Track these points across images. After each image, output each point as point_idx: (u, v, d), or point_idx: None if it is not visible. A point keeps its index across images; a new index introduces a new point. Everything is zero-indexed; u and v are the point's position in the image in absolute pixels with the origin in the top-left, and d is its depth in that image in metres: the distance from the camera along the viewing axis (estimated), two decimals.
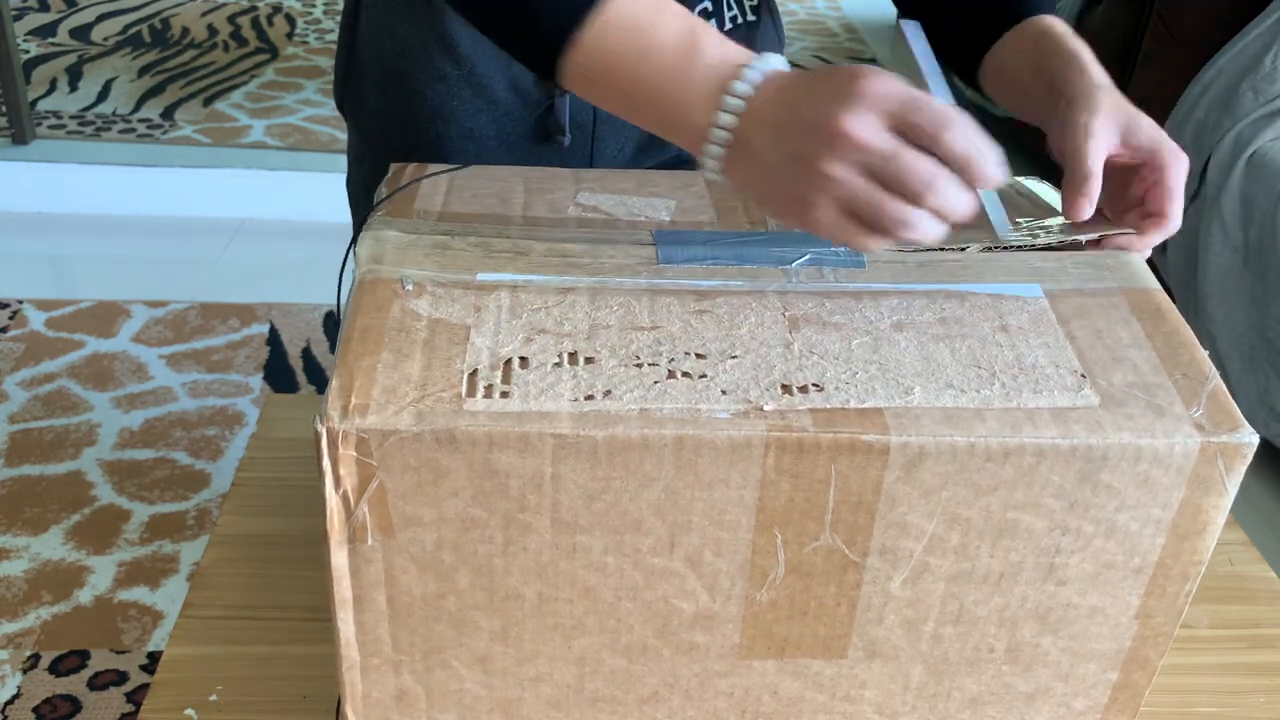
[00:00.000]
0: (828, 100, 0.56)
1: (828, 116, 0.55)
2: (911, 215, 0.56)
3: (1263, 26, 2.10)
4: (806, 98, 0.57)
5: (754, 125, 0.59)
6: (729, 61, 0.60)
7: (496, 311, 0.60)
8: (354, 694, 0.62)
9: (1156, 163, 0.70)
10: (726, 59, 0.60)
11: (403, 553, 0.56)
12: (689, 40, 0.61)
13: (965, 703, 0.64)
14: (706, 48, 0.60)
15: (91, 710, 1.47)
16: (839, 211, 0.57)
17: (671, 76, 0.60)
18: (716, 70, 0.60)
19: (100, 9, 3.80)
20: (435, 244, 0.66)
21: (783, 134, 0.57)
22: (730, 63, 0.60)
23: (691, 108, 0.60)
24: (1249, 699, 0.77)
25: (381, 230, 0.67)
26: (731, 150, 0.60)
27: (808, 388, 0.57)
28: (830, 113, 0.55)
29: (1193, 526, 0.58)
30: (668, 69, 0.60)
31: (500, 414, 0.54)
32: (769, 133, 0.58)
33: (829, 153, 0.55)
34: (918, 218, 0.56)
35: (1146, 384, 0.59)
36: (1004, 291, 0.65)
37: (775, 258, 0.66)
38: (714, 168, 0.61)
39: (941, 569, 0.58)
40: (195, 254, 2.56)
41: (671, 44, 0.61)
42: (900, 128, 0.55)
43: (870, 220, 0.56)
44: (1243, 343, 2.00)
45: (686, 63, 0.60)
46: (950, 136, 0.55)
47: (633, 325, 0.60)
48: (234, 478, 0.91)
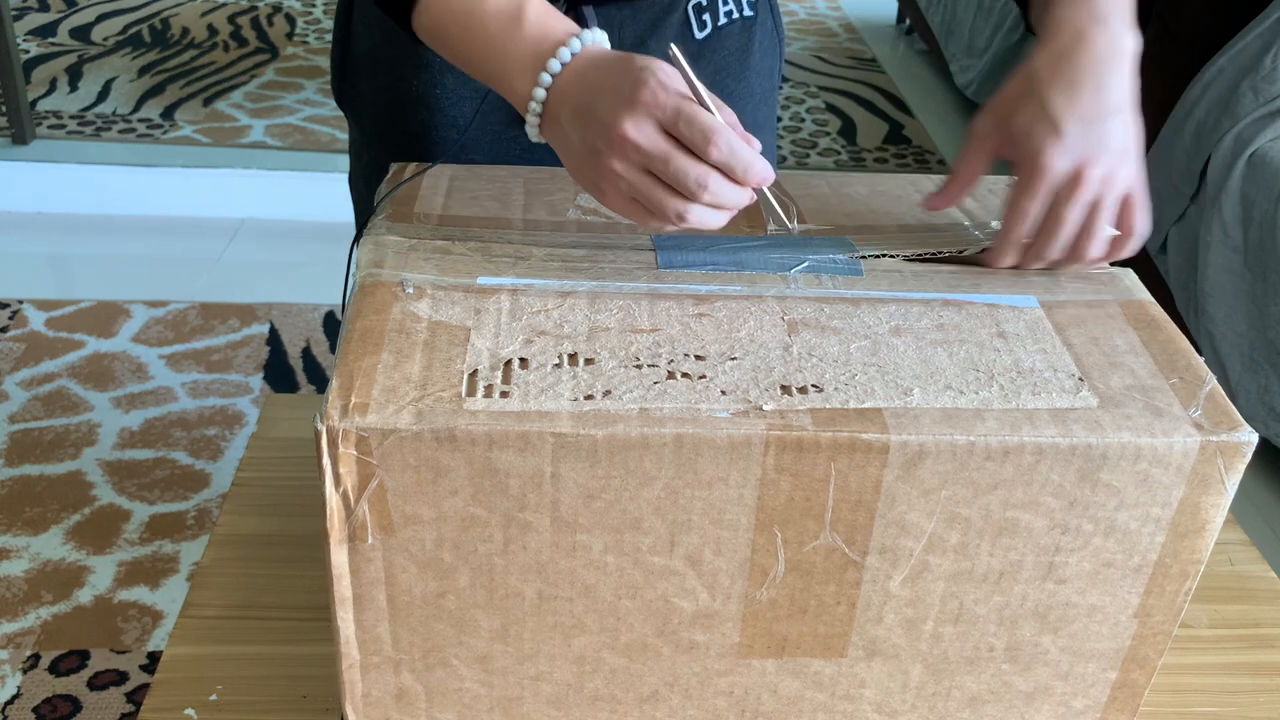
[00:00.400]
0: (614, 102, 0.60)
1: (612, 119, 0.60)
2: (688, 208, 0.61)
3: (1263, 26, 2.10)
4: (598, 94, 0.61)
5: (560, 103, 0.63)
6: (547, 37, 0.64)
7: (496, 314, 0.61)
8: (354, 693, 0.62)
9: (1022, 174, 0.66)
10: (546, 34, 0.64)
11: (402, 551, 0.56)
12: (513, 13, 0.65)
13: (965, 702, 0.64)
14: (528, 20, 0.65)
15: (91, 710, 1.47)
16: (627, 199, 0.62)
17: (496, 45, 0.65)
18: (535, 44, 0.64)
19: (100, 9, 3.80)
20: (435, 248, 0.66)
21: (579, 121, 0.62)
22: (549, 38, 0.64)
23: (513, 76, 0.65)
24: (1248, 699, 0.77)
25: (382, 235, 0.67)
26: (545, 120, 0.65)
27: (807, 388, 0.57)
28: (614, 116, 0.60)
29: (1192, 525, 0.58)
30: (493, 38, 0.65)
31: (500, 413, 0.54)
32: (570, 115, 0.63)
33: (613, 152, 0.60)
34: (695, 210, 0.61)
35: (1144, 387, 0.59)
36: (1000, 302, 0.65)
37: (774, 264, 0.67)
38: (534, 133, 0.66)
39: (941, 568, 0.59)
40: (195, 254, 2.56)
41: (497, 16, 0.65)
42: (674, 134, 0.60)
43: (654, 210, 0.61)
44: (1243, 343, 2.00)
45: (508, 34, 0.65)
46: (712, 149, 0.59)
47: (632, 328, 0.60)
48: (234, 478, 0.91)
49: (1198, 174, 2.14)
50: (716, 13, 0.90)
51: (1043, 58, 0.65)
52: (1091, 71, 0.64)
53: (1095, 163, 0.63)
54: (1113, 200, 0.64)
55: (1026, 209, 0.64)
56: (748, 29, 0.93)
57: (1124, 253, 0.67)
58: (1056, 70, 0.64)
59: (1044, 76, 0.64)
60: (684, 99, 0.60)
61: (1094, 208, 0.64)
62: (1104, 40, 0.64)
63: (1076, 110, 0.63)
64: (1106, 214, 0.64)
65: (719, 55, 0.92)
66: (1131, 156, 0.65)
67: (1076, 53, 0.64)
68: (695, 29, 0.89)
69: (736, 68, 0.93)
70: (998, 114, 0.67)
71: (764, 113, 0.98)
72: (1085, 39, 0.64)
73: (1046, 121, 0.63)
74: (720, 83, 0.93)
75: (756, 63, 0.95)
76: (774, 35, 0.98)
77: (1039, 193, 0.64)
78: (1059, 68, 0.64)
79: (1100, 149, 0.63)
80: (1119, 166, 0.64)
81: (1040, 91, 0.64)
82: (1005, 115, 0.66)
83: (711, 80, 0.92)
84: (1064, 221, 0.64)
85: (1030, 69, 0.65)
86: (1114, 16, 0.65)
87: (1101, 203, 0.64)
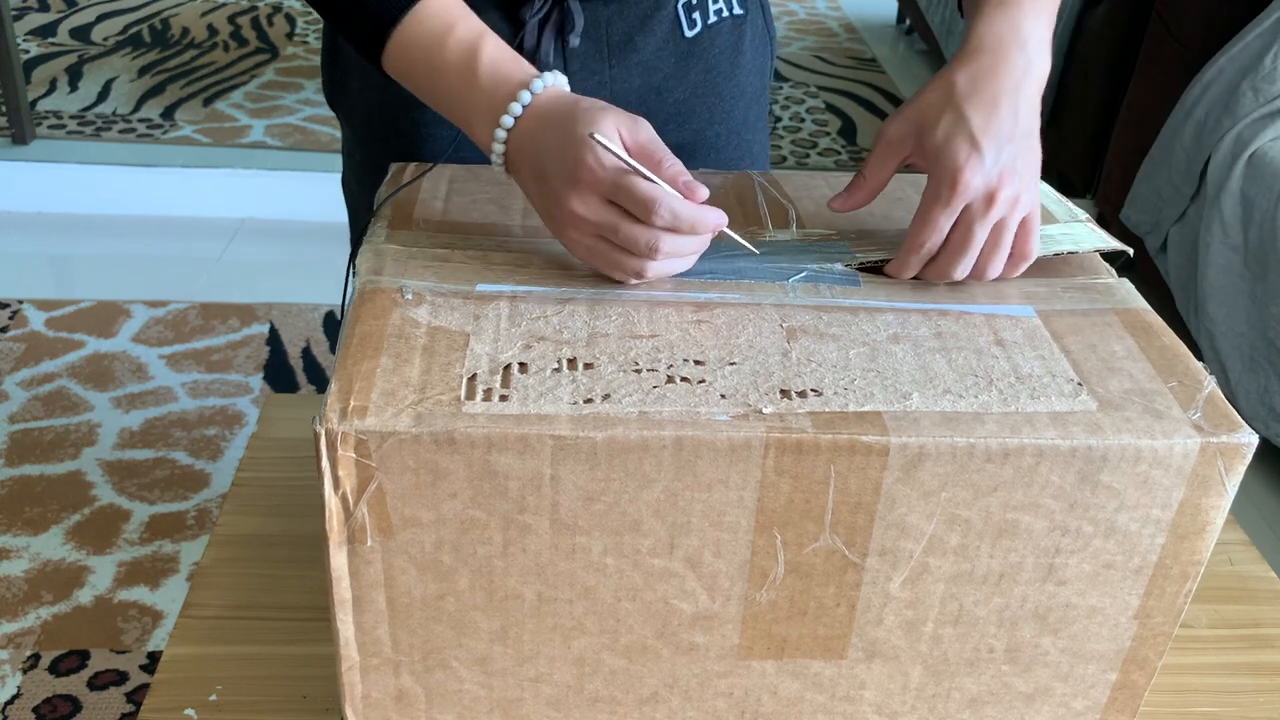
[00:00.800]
0: (560, 177, 0.63)
1: (560, 194, 0.63)
2: (646, 266, 0.63)
3: (1263, 26, 2.10)
4: (547, 162, 0.64)
5: (519, 156, 0.66)
6: (500, 88, 0.66)
7: (496, 320, 0.61)
8: (353, 694, 0.62)
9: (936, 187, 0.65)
10: (499, 85, 0.66)
11: (402, 554, 0.56)
12: (468, 64, 0.67)
13: (965, 703, 0.64)
14: (482, 70, 0.67)
15: (91, 710, 1.47)
16: (590, 255, 0.64)
17: (456, 94, 0.68)
18: (490, 95, 0.66)
19: (100, 9, 3.80)
20: (435, 256, 0.66)
21: (536, 182, 0.65)
22: (502, 89, 0.66)
23: (474, 125, 0.68)
24: (1248, 699, 0.77)
25: (382, 243, 0.67)
26: (508, 166, 0.67)
27: (806, 393, 0.57)
28: (562, 191, 0.62)
29: (1192, 526, 0.58)
30: (452, 86, 0.68)
31: (499, 416, 0.54)
32: (528, 173, 0.65)
33: (567, 223, 0.63)
34: (653, 267, 0.63)
35: (1143, 390, 0.59)
36: (997, 311, 0.65)
37: (772, 273, 0.67)
38: (500, 174, 0.68)
39: (941, 569, 0.59)
40: (195, 254, 2.56)
41: (454, 66, 0.68)
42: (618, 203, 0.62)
43: (617, 268, 0.64)
44: (1243, 343, 2.00)
45: (466, 84, 0.67)
46: (655, 218, 0.61)
47: (631, 334, 0.60)
48: (234, 478, 0.91)
49: (1198, 174, 2.14)
50: (706, 11, 0.90)
51: (964, 72, 0.65)
52: (1009, 93, 0.64)
53: (1007, 184, 0.64)
54: (1016, 222, 0.65)
55: (939, 223, 0.65)
56: (738, 27, 0.93)
57: (1015, 274, 0.68)
58: (976, 87, 0.65)
59: (964, 91, 0.65)
60: (622, 172, 0.61)
61: (1000, 227, 0.65)
62: (1022, 63, 0.65)
63: (994, 130, 0.64)
64: (1011, 235, 0.65)
65: (710, 53, 0.92)
66: (1034, 181, 0.66)
67: (997, 72, 0.65)
68: (685, 27, 0.89)
69: (728, 66, 0.93)
70: (913, 121, 0.67)
71: (755, 110, 0.98)
72: (1006, 59, 0.65)
73: (966, 138, 0.64)
74: (711, 81, 0.93)
75: (748, 61, 0.95)
76: (765, 33, 0.97)
77: (954, 208, 0.64)
78: (979, 85, 0.65)
79: (1012, 171, 0.64)
80: (1024, 190, 0.65)
81: (960, 106, 0.64)
82: (922, 124, 0.66)
83: (702, 79, 0.92)
84: (974, 239, 0.65)
85: (950, 81, 0.66)
86: (1033, 41, 0.66)
87: (1006, 223, 0.65)
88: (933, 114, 0.66)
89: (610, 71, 0.88)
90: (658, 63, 0.90)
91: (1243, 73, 2.08)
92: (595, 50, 0.87)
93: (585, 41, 0.86)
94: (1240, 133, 2.05)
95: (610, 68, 0.88)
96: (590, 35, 0.86)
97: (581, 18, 0.84)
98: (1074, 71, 2.82)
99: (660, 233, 0.61)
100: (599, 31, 0.86)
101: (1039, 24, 0.67)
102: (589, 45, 0.86)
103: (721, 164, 0.96)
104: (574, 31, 0.84)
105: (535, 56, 0.85)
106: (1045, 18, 0.68)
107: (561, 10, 0.84)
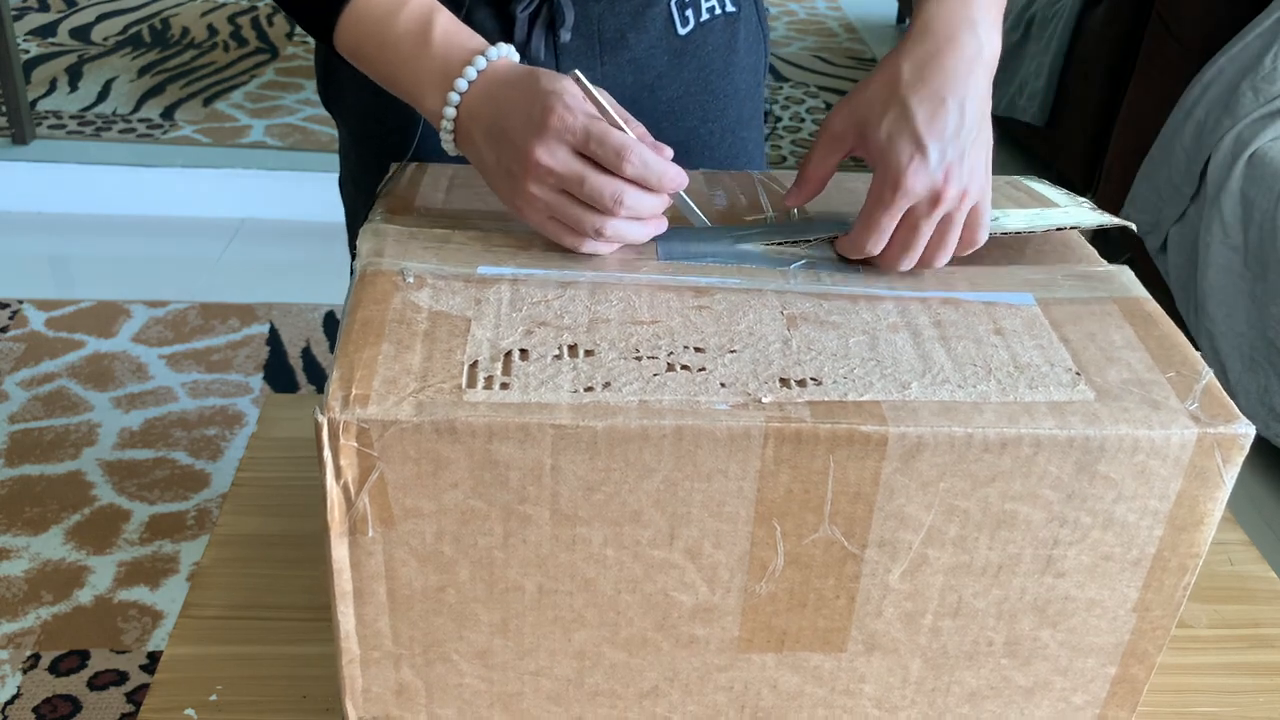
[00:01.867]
0: (524, 127, 0.62)
1: (524, 144, 0.62)
2: (607, 224, 0.63)
3: (1263, 26, 2.10)
4: (508, 117, 0.64)
5: (471, 120, 0.66)
6: (453, 54, 0.67)
7: (497, 304, 0.61)
8: (354, 688, 0.62)
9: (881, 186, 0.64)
10: (452, 52, 0.67)
11: (403, 545, 0.56)
12: (421, 32, 0.67)
13: (964, 697, 0.64)
14: (434, 39, 0.67)
15: (91, 710, 1.47)
16: (547, 218, 0.64)
17: (407, 64, 0.68)
18: (443, 62, 0.67)
19: (100, 9, 3.80)
20: (436, 237, 0.66)
21: (493, 142, 0.64)
22: (455, 56, 0.67)
23: (425, 94, 0.68)
24: (1248, 699, 0.77)
25: (382, 224, 0.67)
26: (458, 136, 0.67)
27: (805, 381, 0.57)
28: (526, 141, 0.62)
29: (1190, 518, 0.58)
30: (403, 57, 0.68)
31: (500, 405, 0.54)
32: (483, 134, 0.65)
33: (528, 176, 0.63)
34: (613, 224, 0.63)
35: (1141, 380, 0.59)
36: (997, 300, 0.65)
37: (774, 260, 0.67)
38: (449, 148, 0.68)
39: (940, 561, 0.59)
40: (195, 254, 2.56)
41: (406, 36, 0.68)
42: (586, 154, 0.62)
43: (573, 227, 0.64)
44: (1243, 343, 2.00)
45: (417, 53, 0.67)
46: (625, 165, 0.62)
47: (632, 319, 0.60)
48: (234, 478, 0.91)
49: (1198, 174, 2.14)
50: (699, 8, 0.90)
51: (910, 59, 0.64)
52: (957, 81, 0.63)
53: (953, 180, 0.63)
54: (963, 215, 0.65)
55: (882, 224, 0.64)
56: (731, 24, 0.93)
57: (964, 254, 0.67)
58: (922, 77, 0.63)
59: (909, 81, 0.63)
60: (593, 119, 0.62)
61: (946, 222, 0.65)
62: (973, 46, 0.64)
63: (939, 126, 0.62)
64: (958, 229, 0.65)
65: (703, 51, 0.92)
66: (983, 169, 0.65)
67: (946, 58, 0.63)
68: (678, 24, 0.89)
69: (721, 64, 0.93)
70: (856, 114, 0.66)
71: (749, 108, 0.98)
72: (955, 43, 0.63)
73: (910, 137, 0.62)
74: (705, 79, 0.93)
75: (741, 58, 0.95)
76: (758, 31, 0.97)
77: (897, 210, 0.64)
78: (925, 75, 0.63)
79: (957, 166, 0.63)
80: (971, 182, 0.64)
81: (905, 99, 0.63)
82: (866, 117, 0.65)
83: (696, 76, 0.92)
84: (919, 236, 0.65)
85: (896, 69, 0.64)
86: (983, 21, 0.64)
87: (953, 219, 0.64)
88: (877, 108, 0.64)
89: (602, 68, 0.88)
90: (650, 60, 0.90)
91: (1243, 73, 2.08)
92: (586, 46, 0.87)
93: (576, 37, 0.86)
94: (1240, 133, 2.06)
95: (602, 64, 0.88)
96: (581, 31, 0.86)
97: (572, 13, 0.84)
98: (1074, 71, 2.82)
99: (626, 186, 0.62)
100: (590, 27, 0.86)
101: (990, 4, 0.65)
102: (580, 41, 0.86)
103: (716, 162, 0.96)
104: (564, 26, 0.84)
105: (526, 51, 0.85)
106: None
107: (551, 5, 0.84)
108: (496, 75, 0.66)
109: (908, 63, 0.64)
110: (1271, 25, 2.08)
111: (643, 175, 0.62)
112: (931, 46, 0.64)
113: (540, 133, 0.62)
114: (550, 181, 0.63)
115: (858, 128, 0.66)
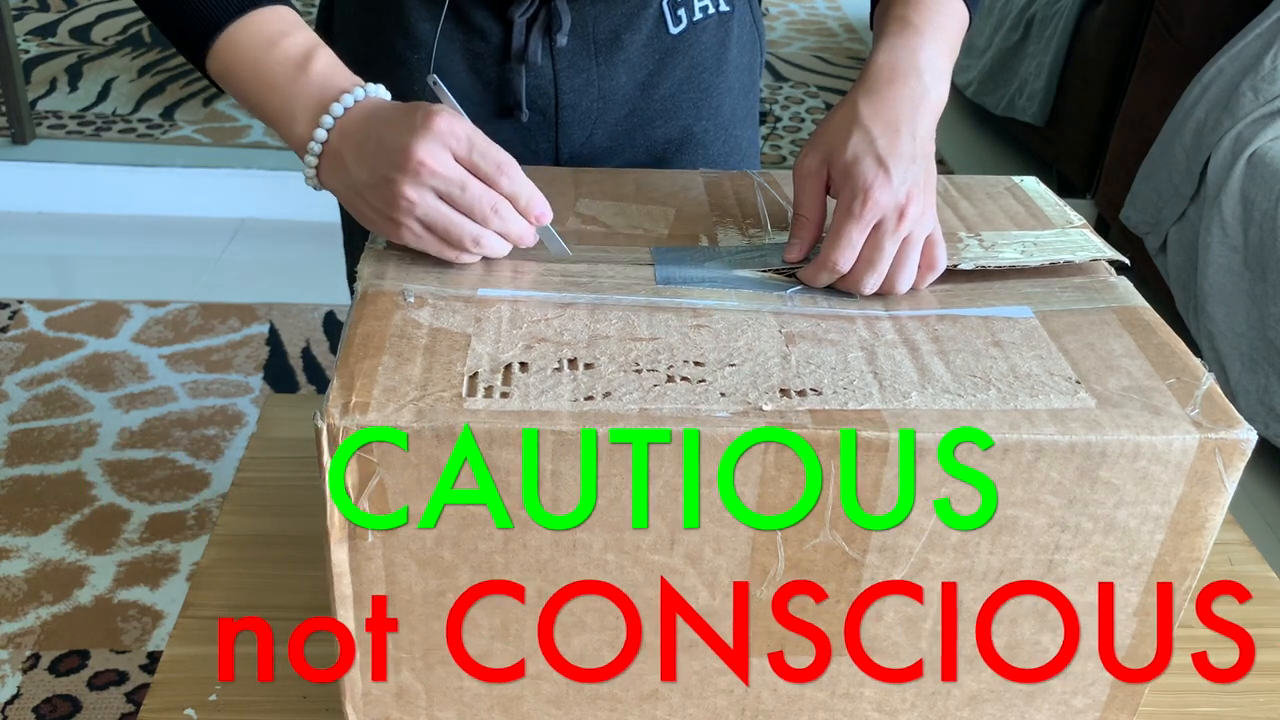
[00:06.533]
0: (407, 131, 0.63)
1: (406, 145, 0.63)
2: (482, 234, 0.65)
3: (1263, 26, 2.10)
4: (388, 127, 0.65)
5: (343, 143, 0.67)
6: (332, 85, 0.69)
7: (497, 322, 0.61)
8: (354, 691, 0.62)
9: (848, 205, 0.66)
10: (330, 82, 0.69)
11: (403, 549, 0.57)
12: (301, 63, 0.69)
13: (965, 700, 0.64)
14: (314, 69, 0.69)
15: (91, 710, 1.47)
16: (420, 228, 0.65)
17: (280, 89, 0.69)
18: (320, 90, 0.68)
19: (100, 9, 3.80)
20: (437, 261, 0.67)
21: (366, 156, 0.65)
22: (334, 87, 0.68)
23: (295, 119, 0.69)
24: (1248, 699, 0.77)
25: (383, 248, 0.68)
26: (324, 161, 0.68)
27: (806, 392, 0.57)
28: (408, 142, 0.63)
29: (1191, 523, 0.58)
30: (278, 81, 0.69)
31: (500, 412, 0.54)
32: (355, 152, 0.66)
33: (407, 178, 0.63)
34: (486, 236, 0.65)
35: (1141, 387, 0.59)
36: (994, 314, 0.65)
37: (770, 285, 0.67)
38: (310, 176, 0.69)
39: (941, 566, 0.59)
40: (195, 254, 2.56)
41: (284, 63, 0.69)
42: (466, 163, 0.64)
43: (446, 237, 0.65)
44: (1243, 343, 2.00)
45: (293, 80, 0.69)
46: (503, 179, 0.64)
47: (632, 336, 0.61)
48: (234, 478, 0.91)
49: (1198, 174, 2.14)
50: (692, 7, 0.90)
51: (865, 97, 0.69)
52: (908, 115, 0.67)
53: (914, 200, 0.66)
54: (922, 238, 0.67)
55: (853, 238, 0.66)
56: (724, 23, 0.93)
57: (924, 284, 0.69)
58: (877, 110, 0.68)
59: (867, 113, 0.68)
60: (476, 132, 0.64)
61: (908, 242, 0.66)
62: (919, 89, 0.69)
63: (897, 151, 0.66)
64: (918, 250, 0.67)
65: (695, 50, 0.92)
66: (933, 200, 0.68)
67: (895, 97, 0.68)
68: (670, 24, 0.90)
69: (713, 63, 0.93)
70: (822, 147, 0.69)
71: (743, 107, 0.98)
72: (904, 85, 0.69)
73: (874, 158, 0.66)
74: (697, 77, 0.93)
75: (734, 57, 0.95)
76: (753, 30, 0.97)
77: (867, 223, 0.66)
78: (879, 108, 0.68)
79: (917, 188, 0.66)
80: (928, 207, 0.67)
81: (866, 126, 0.67)
82: (832, 146, 0.68)
83: (688, 75, 0.92)
84: (885, 253, 0.66)
85: (853, 105, 0.68)
86: (929, 69, 0.70)
87: (914, 239, 0.66)
88: (841, 135, 0.68)
89: (597, 69, 0.88)
90: (643, 60, 0.90)
91: (1243, 73, 2.08)
92: (583, 49, 0.87)
93: (573, 40, 0.86)
94: (1240, 133, 2.06)
95: (597, 65, 0.88)
96: (577, 34, 0.86)
97: (569, 17, 0.85)
98: (1074, 71, 2.82)
99: (503, 199, 0.64)
100: (586, 30, 0.87)
101: (938, 53, 0.71)
102: (576, 44, 0.87)
103: (710, 160, 0.96)
104: (561, 30, 0.85)
105: (524, 55, 0.86)
106: (945, 48, 0.72)
107: (549, 9, 0.84)
108: (372, 104, 0.68)
109: (863, 99, 0.69)
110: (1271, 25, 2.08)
111: (515, 194, 0.65)
112: (883, 85, 0.69)
113: (424, 134, 0.63)
114: (430, 183, 0.63)
115: (825, 158, 0.69)
